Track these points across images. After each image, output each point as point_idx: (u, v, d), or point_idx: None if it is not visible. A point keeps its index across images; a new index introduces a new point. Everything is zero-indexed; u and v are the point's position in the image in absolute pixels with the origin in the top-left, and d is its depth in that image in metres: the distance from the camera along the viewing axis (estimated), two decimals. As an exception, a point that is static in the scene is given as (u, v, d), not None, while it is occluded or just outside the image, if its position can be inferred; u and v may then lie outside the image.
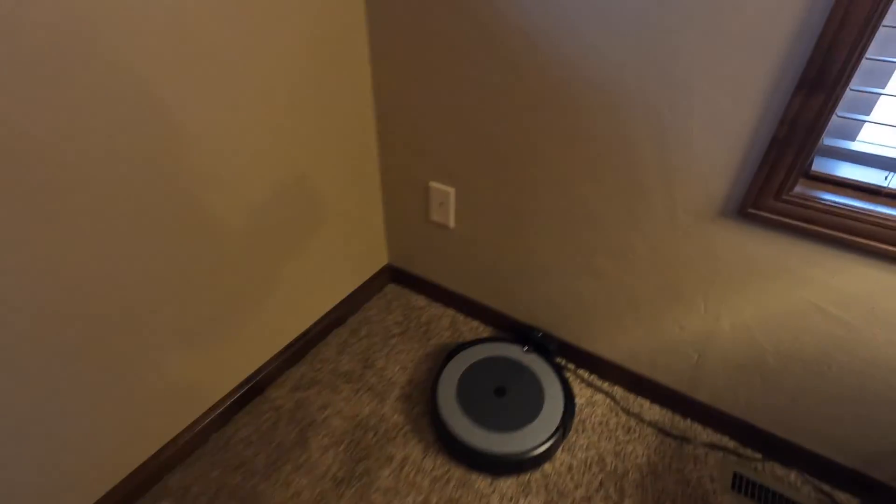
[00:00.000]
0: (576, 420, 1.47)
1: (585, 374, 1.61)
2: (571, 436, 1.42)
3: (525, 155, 1.32)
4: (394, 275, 1.97)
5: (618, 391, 1.57)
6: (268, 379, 1.54)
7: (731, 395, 1.38)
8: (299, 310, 1.60)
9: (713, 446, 1.41)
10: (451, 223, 1.61)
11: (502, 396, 1.43)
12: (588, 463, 1.36)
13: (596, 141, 1.19)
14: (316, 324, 1.68)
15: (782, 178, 1.00)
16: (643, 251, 1.29)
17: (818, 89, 0.89)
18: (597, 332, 1.53)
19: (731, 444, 1.41)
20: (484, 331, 1.77)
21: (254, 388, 1.50)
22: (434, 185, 1.56)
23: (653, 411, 1.50)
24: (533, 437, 1.33)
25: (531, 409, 1.40)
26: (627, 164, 1.18)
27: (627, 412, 1.50)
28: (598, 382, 1.59)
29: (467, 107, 1.33)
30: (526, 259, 1.52)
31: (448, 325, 1.79)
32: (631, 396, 1.55)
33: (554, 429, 1.35)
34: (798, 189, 1.02)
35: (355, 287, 1.80)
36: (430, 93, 1.37)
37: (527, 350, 1.57)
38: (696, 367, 1.39)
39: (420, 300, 1.89)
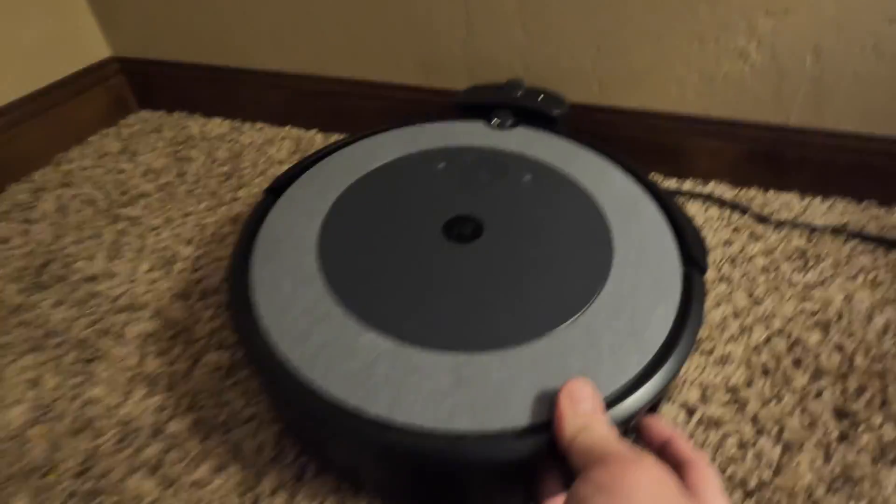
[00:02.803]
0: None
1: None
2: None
3: None
4: (142, 90, 0.84)
5: (722, 191, 0.66)
6: None
7: None
8: None
9: None
10: None
11: (473, 240, 0.44)
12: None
13: None
14: None
15: None
16: None
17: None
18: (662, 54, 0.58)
19: None
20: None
21: None
22: None
23: (815, 209, 0.62)
24: (609, 332, 0.37)
25: (574, 256, 0.43)
26: None
27: (773, 222, 0.60)
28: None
29: None
30: None
31: (284, 155, 0.73)
32: (760, 194, 0.65)
33: (678, 297, 0.40)
34: None
35: None
36: None
37: (498, 123, 0.58)
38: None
39: (215, 124, 0.81)
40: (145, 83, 0.84)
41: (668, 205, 0.47)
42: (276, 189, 0.50)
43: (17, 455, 0.39)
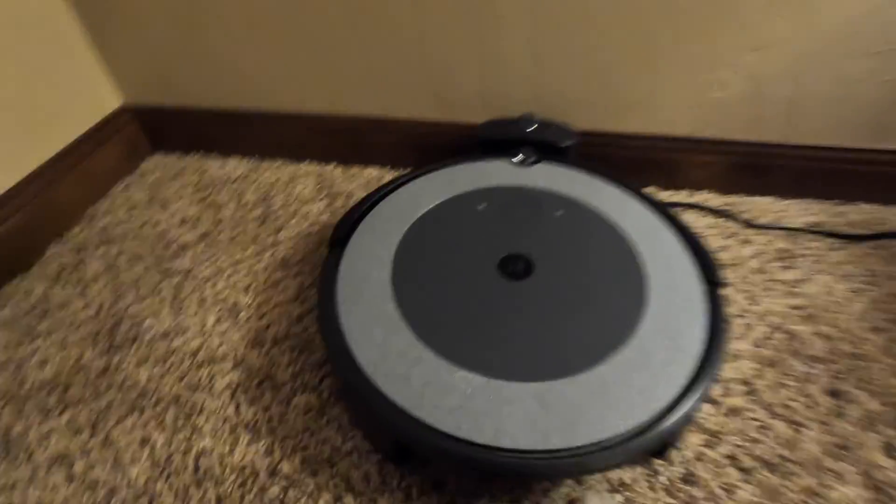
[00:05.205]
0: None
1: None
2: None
3: None
4: (154, 133, 0.86)
5: (712, 199, 0.75)
6: None
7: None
8: None
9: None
10: None
11: (525, 277, 0.51)
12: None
13: None
14: None
15: None
16: None
17: None
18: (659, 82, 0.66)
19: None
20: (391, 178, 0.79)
21: None
22: None
23: (792, 210, 0.71)
24: (651, 362, 0.44)
25: (615, 284, 0.50)
26: None
27: (758, 226, 0.69)
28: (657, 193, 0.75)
29: None
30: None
31: (310, 192, 0.78)
32: (744, 200, 0.74)
33: (707, 324, 0.48)
34: None
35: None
36: None
37: (522, 160, 0.64)
38: None
39: (233, 164, 0.84)
40: (158, 127, 0.85)
41: (681, 228, 0.55)
42: (339, 241, 0.55)
43: (151, 509, 0.44)
